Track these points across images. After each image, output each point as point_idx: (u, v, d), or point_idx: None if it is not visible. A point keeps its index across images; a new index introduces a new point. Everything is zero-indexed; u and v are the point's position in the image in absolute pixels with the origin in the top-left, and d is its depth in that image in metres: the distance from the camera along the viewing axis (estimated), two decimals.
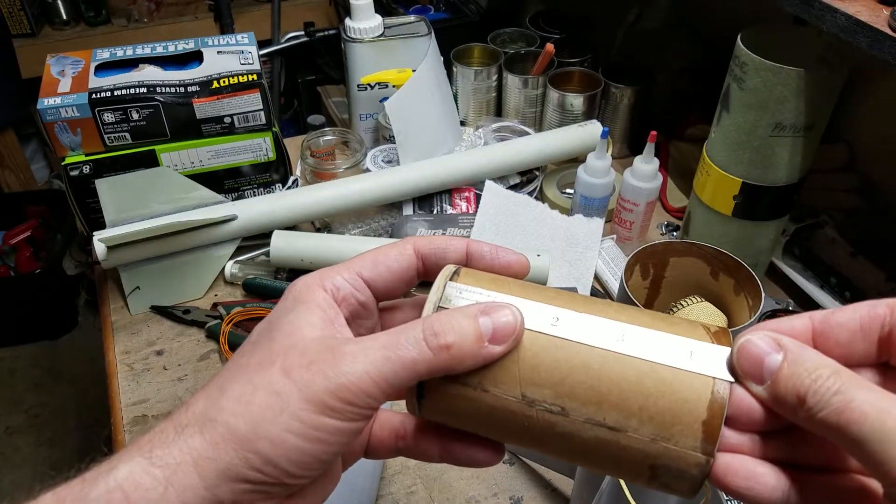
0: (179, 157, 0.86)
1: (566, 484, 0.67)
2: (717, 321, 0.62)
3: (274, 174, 0.92)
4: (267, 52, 1.80)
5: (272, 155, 0.90)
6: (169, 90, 0.83)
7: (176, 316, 0.84)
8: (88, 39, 1.87)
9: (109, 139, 0.83)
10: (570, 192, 0.99)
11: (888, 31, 0.55)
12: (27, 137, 2.10)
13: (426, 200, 0.94)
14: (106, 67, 0.86)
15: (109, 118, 0.81)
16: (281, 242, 0.84)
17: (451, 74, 1.07)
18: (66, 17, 1.90)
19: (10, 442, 1.72)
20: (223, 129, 0.86)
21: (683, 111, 1.04)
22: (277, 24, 1.88)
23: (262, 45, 1.64)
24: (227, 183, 0.90)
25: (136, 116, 0.82)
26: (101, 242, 0.79)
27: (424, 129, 0.97)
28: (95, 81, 0.83)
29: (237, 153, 0.88)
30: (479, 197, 0.92)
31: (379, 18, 0.98)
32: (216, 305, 0.84)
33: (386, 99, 0.96)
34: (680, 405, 0.27)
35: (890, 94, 0.82)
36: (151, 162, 0.85)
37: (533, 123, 1.08)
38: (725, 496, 0.56)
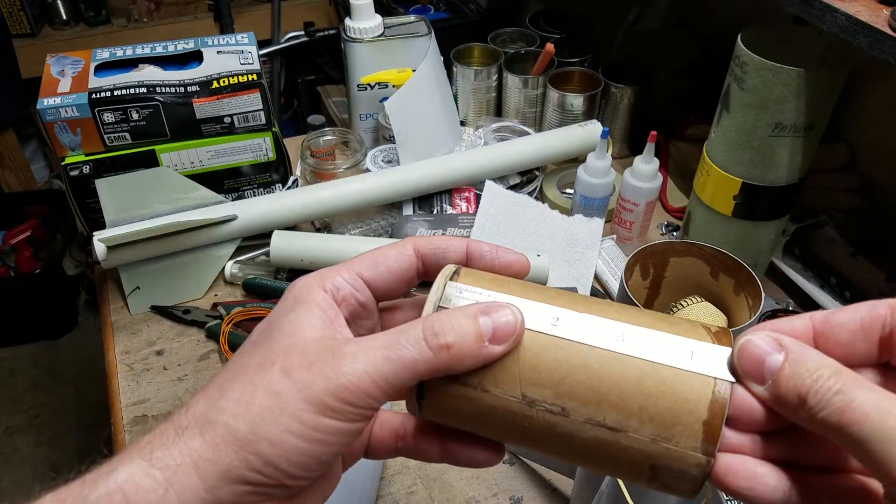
0: (179, 157, 0.86)
1: (566, 484, 0.67)
2: (717, 321, 0.62)
3: (274, 174, 0.92)
4: (267, 51, 1.80)
5: (272, 155, 0.90)
6: (169, 90, 0.83)
7: (176, 316, 0.84)
8: (88, 39, 1.87)
9: (109, 139, 0.83)
10: (570, 192, 0.99)
11: (888, 31, 0.55)
12: (27, 137, 2.10)
13: (426, 200, 0.94)
14: (106, 67, 0.86)
15: (109, 118, 0.81)
16: (281, 242, 0.84)
17: (451, 74, 1.07)
18: (65, 17, 1.90)
19: (10, 442, 1.72)
20: (223, 129, 0.86)
21: (683, 111, 1.04)
22: (277, 23, 1.88)
23: (262, 45, 1.64)
24: (227, 183, 0.90)
25: (135, 116, 0.82)
26: (101, 242, 0.79)
27: (424, 129, 0.97)
28: (95, 81, 0.83)
29: (237, 153, 0.88)
30: (479, 197, 0.92)
31: (379, 18, 0.98)
32: (216, 305, 0.84)
33: (386, 99, 0.96)
34: (680, 405, 0.27)
35: (890, 94, 0.82)
36: (151, 162, 0.85)
37: (533, 123, 1.08)
38: (726, 496, 0.56)
